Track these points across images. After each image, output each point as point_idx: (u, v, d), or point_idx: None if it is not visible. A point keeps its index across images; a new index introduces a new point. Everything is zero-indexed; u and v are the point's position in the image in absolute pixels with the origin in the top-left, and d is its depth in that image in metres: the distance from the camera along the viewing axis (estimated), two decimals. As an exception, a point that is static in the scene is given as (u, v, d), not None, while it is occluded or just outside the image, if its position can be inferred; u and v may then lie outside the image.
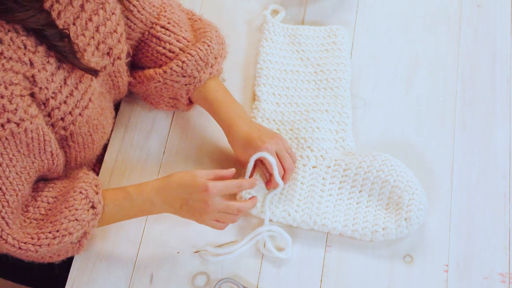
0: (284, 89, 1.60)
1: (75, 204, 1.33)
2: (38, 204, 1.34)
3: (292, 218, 1.45)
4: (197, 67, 1.48)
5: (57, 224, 1.32)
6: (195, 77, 1.48)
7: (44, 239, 1.32)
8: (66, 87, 1.29)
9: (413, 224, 1.42)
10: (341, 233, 1.45)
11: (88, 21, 1.32)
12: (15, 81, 1.20)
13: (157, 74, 1.48)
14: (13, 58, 1.20)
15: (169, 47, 1.49)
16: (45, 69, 1.25)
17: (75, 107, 1.32)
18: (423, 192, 1.45)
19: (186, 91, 1.50)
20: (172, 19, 1.51)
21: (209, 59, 1.49)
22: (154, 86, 1.50)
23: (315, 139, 1.52)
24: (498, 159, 1.54)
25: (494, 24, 1.70)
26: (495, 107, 1.60)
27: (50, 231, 1.32)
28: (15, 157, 1.26)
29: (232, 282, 1.41)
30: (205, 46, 1.49)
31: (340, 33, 1.65)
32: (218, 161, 1.53)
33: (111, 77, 1.44)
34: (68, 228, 1.32)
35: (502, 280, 1.42)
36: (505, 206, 1.49)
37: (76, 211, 1.33)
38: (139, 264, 1.43)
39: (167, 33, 1.49)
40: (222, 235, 1.45)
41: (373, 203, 1.47)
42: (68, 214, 1.32)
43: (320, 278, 1.42)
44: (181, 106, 1.55)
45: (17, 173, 1.28)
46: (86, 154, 1.43)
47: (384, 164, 1.47)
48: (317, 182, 1.48)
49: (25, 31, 1.21)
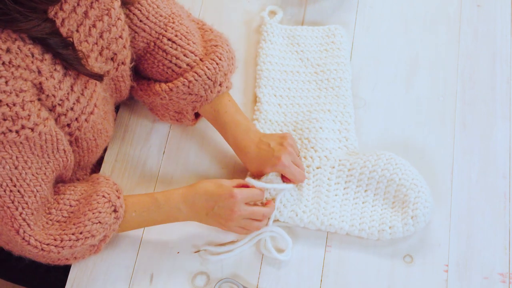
0: (285, 90, 1.60)
1: (98, 207, 1.34)
2: (60, 206, 1.35)
3: (300, 218, 1.45)
4: (204, 86, 1.45)
5: (81, 226, 1.33)
6: (201, 96, 1.46)
7: (67, 241, 1.33)
8: (73, 93, 1.29)
9: (419, 222, 1.43)
10: (348, 233, 1.45)
11: (91, 27, 1.31)
12: (24, 88, 1.21)
13: (163, 90, 1.46)
14: (22, 66, 1.20)
15: (176, 61, 1.46)
16: (52, 77, 1.25)
17: (82, 113, 1.32)
18: (428, 190, 1.45)
19: (192, 108, 1.49)
20: (180, 31, 1.47)
21: (217, 78, 1.46)
22: (159, 100, 1.49)
23: (318, 139, 1.52)
24: (498, 159, 1.54)
25: (494, 24, 1.70)
26: (495, 107, 1.60)
27: (73, 232, 1.33)
28: (30, 159, 1.27)
29: (232, 282, 1.41)
30: (214, 64, 1.45)
31: (338, 32, 1.65)
32: (218, 161, 1.53)
33: (114, 81, 1.43)
34: (91, 231, 1.34)
35: (502, 280, 1.42)
36: (505, 206, 1.49)
37: (99, 214, 1.34)
38: (139, 264, 1.44)
39: (173, 46, 1.46)
40: (223, 234, 1.45)
41: (379, 202, 1.47)
42: (92, 217, 1.34)
43: (320, 278, 1.42)
44: (186, 121, 1.54)
45: (33, 174, 1.28)
46: (89, 158, 1.43)
47: (389, 163, 1.47)
48: (323, 182, 1.48)
49: (31, 39, 1.21)
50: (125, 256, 1.44)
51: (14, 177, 1.26)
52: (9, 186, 1.26)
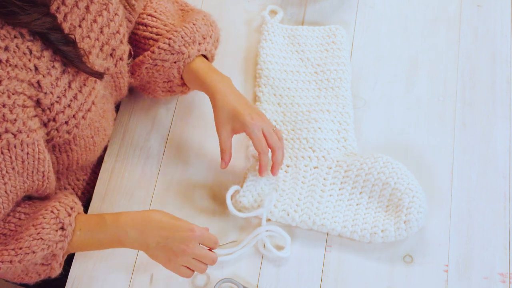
0: (285, 89, 1.60)
1: (43, 222, 1.29)
2: (9, 219, 1.31)
3: (291, 217, 1.45)
4: (184, 43, 1.46)
5: (21, 242, 1.28)
6: (183, 53, 1.47)
7: (7, 256, 1.28)
8: (71, 90, 1.28)
9: (412, 227, 1.42)
10: (340, 234, 1.45)
11: (93, 22, 1.32)
12: (19, 90, 1.19)
13: (146, 56, 1.48)
14: (18, 65, 1.19)
15: (156, 31, 1.49)
16: (49, 74, 1.24)
17: (79, 110, 1.31)
18: (423, 195, 1.45)
19: (177, 69, 1.49)
20: (158, 8, 1.51)
21: (195, 37, 1.48)
22: (146, 71, 1.49)
23: (317, 140, 1.52)
24: (498, 159, 1.54)
25: (494, 24, 1.70)
26: (495, 107, 1.60)
27: (13, 248, 1.28)
28: (8, 175, 1.23)
29: (232, 282, 1.41)
30: (191, 24, 1.48)
31: (339, 32, 1.65)
32: (218, 162, 1.53)
33: (113, 79, 1.43)
34: (31, 246, 1.27)
35: (502, 280, 1.42)
36: (505, 206, 1.49)
37: (42, 230, 1.28)
38: (139, 264, 1.43)
39: (153, 20, 1.49)
40: (223, 235, 1.45)
41: (373, 205, 1.46)
42: (33, 232, 1.28)
43: (320, 278, 1.42)
44: (176, 88, 1.53)
45: (6, 191, 1.25)
46: (87, 157, 1.42)
47: (385, 166, 1.47)
48: (318, 182, 1.48)
49: (31, 35, 1.21)
50: (125, 256, 1.44)
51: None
52: None
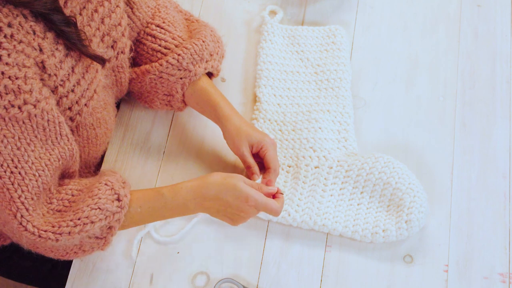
0: (285, 90, 1.60)
1: (99, 193, 1.31)
2: (62, 196, 1.32)
3: (292, 218, 1.45)
4: (192, 60, 1.48)
5: (79, 212, 1.29)
6: (190, 70, 1.48)
7: (65, 227, 1.28)
8: (74, 75, 1.29)
9: (413, 227, 1.42)
10: (341, 234, 1.45)
11: (94, 12, 1.32)
12: (27, 64, 1.20)
13: (153, 67, 1.48)
14: (24, 41, 1.19)
15: (164, 44, 1.50)
16: (54, 56, 1.24)
17: (82, 97, 1.31)
18: (424, 195, 1.45)
19: (181, 85, 1.50)
20: (167, 19, 1.52)
21: (204, 55, 1.49)
22: (149, 80, 1.50)
23: (317, 140, 1.52)
24: (498, 159, 1.54)
25: (494, 24, 1.70)
26: (495, 107, 1.60)
27: (71, 219, 1.29)
28: (33, 142, 1.24)
29: (232, 282, 1.41)
30: (200, 41, 1.49)
31: (339, 33, 1.65)
32: (218, 162, 1.53)
33: (115, 72, 1.44)
34: (90, 216, 1.29)
35: (502, 280, 1.42)
36: (505, 206, 1.49)
37: (99, 200, 1.30)
38: (139, 264, 1.44)
39: (162, 32, 1.50)
40: (223, 235, 1.45)
41: (374, 205, 1.46)
42: (91, 203, 1.30)
43: (320, 278, 1.42)
44: (175, 103, 1.53)
45: (36, 157, 1.26)
46: (90, 151, 1.42)
47: (386, 166, 1.47)
48: (319, 182, 1.48)
49: (34, 16, 1.21)
50: (125, 256, 1.44)
51: (16, 158, 1.23)
52: (10, 167, 1.23)
